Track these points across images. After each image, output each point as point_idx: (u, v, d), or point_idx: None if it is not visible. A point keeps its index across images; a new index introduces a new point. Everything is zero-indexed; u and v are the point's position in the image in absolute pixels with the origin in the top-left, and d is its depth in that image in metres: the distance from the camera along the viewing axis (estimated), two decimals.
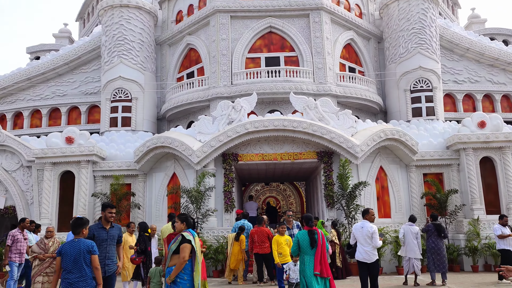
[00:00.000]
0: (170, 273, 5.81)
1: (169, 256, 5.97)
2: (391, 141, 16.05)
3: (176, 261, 5.82)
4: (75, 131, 17.36)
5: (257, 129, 15.53)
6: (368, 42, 23.47)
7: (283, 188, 24.97)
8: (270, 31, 21.34)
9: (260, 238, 11.46)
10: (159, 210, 16.37)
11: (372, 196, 15.91)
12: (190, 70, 22.52)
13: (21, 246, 10.15)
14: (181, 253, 5.79)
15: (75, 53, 23.51)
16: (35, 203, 17.15)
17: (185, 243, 5.84)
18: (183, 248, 5.80)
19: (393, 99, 21.82)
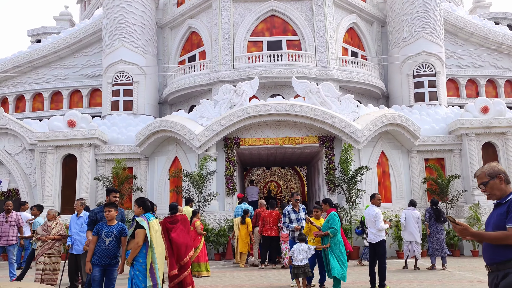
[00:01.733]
0: (126, 256, 6.20)
1: (127, 240, 6.28)
2: (393, 126, 16.03)
3: (132, 245, 6.15)
4: (77, 114, 17.37)
5: (259, 113, 15.51)
6: (371, 26, 23.24)
7: (284, 173, 25.05)
8: (272, 14, 21.13)
9: (272, 221, 11.85)
10: (161, 193, 16.47)
11: (373, 181, 15.96)
12: (192, 54, 22.39)
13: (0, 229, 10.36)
14: (136, 238, 6.12)
15: (76, 36, 23.37)
16: (38, 186, 17.26)
17: (139, 228, 6.15)
18: (138, 234, 6.13)
19: (396, 84, 21.71)
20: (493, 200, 3.64)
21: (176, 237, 8.15)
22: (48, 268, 8.89)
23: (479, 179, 3.67)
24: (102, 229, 6.32)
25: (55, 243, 9.08)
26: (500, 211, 3.48)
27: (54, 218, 9.40)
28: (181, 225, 8.33)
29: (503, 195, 3.54)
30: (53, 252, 9.03)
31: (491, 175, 3.59)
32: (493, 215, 3.57)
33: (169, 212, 8.75)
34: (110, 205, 6.48)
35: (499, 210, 3.51)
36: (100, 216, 6.79)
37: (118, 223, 6.52)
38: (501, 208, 3.48)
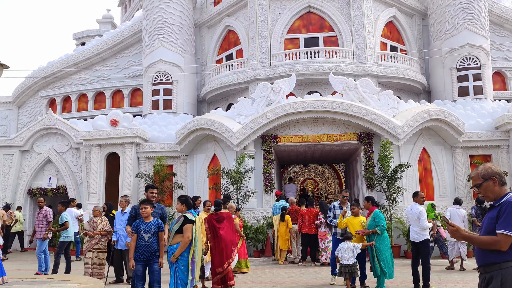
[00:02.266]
0: (172, 250, 6.31)
1: (171, 236, 6.40)
2: (435, 122, 15.58)
3: (179, 239, 6.30)
4: (119, 114, 17.95)
5: (296, 110, 15.49)
6: (412, 19, 22.63)
7: (322, 170, 24.87)
8: (309, 11, 20.99)
9: (310, 219, 11.85)
10: (200, 190, 16.76)
11: (414, 178, 15.59)
12: (229, 52, 22.60)
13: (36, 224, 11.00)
14: (186, 233, 6.27)
15: (118, 38, 24.11)
16: (84, 183, 17.99)
17: (188, 223, 6.32)
18: (187, 228, 6.29)
19: (438, 78, 21.05)
20: (488, 202, 3.55)
21: (224, 235, 8.33)
22: (96, 263, 9.30)
23: (473, 181, 3.58)
24: (140, 226, 6.53)
25: (101, 239, 9.48)
26: (491, 214, 3.38)
27: (100, 215, 9.81)
28: (227, 223, 8.49)
29: (497, 198, 3.41)
30: (99, 247, 9.43)
31: (485, 177, 3.46)
32: (486, 218, 3.48)
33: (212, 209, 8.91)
34: (146, 202, 6.68)
35: (490, 213, 3.41)
36: (140, 212, 7.02)
37: (155, 219, 6.70)
38: (493, 211, 3.38)
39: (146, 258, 6.48)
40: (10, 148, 18.84)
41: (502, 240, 3.19)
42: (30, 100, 26.08)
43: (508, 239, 3.18)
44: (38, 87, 25.46)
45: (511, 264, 3.22)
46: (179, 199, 6.64)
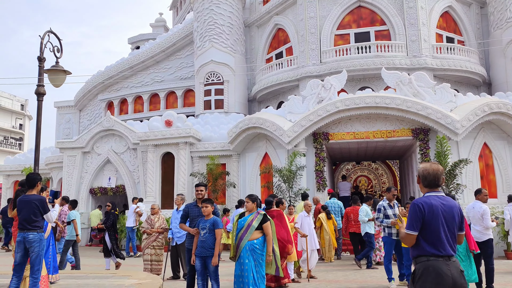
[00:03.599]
0: (252, 245, 6.62)
1: (250, 232, 6.66)
2: (496, 115, 14.79)
3: (258, 235, 6.67)
4: (173, 114, 18.51)
5: (348, 107, 15.25)
6: (469, 8, 21.58)
7: (375, 167, 24.33)
8: (359, 5, 20.59)
9: (356, 217, 11.61)
10: (252, 188, 16.93)
11: (475, 175, 14.89)
12: (279, 51, 22.65)
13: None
14: (267, 230, 6.71)
15: (170, 41, 24.85)
16: (141, 182, 18.72)
17: (268, 221, 6.77)
18: (268, 226, 6.75)
19: (499, 69, 19.94)
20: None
21: (276, 233, 8.40)
22: (155, 259, 9.64)
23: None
24: (199, 223, 6.82)
25: (158, 236, 9.81)
26: None
27: (157, 213, 10.16)
28: (277, 221, 8.55)
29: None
30: (157, 244, 9.77)
31: (418, 174, 3.79)
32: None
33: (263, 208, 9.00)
34: (207, 201, 6.88)
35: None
36: (191, 209, 7.21)
37: (213, 217, 6.88)
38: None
39: (203, 254, 6.66)
40: (73, 150, 19.97)
41: (405, 238, 3.62)
42: (90, 103, 27.51)
43: (409, 237, 3.58)
44: (97, 91, 26.80)
45: (422, 259, 3.54)
46: (250, 198, 6.95)
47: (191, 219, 7.21)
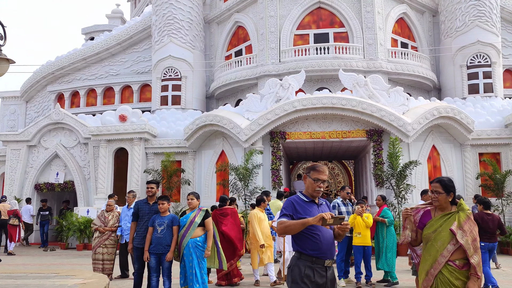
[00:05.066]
0: (195, 243, 6.63)
1: (192, 228, 6.65)
2: (445, 119, 15.44)
3: (201, 233, 6.73)
4: (128, 109, 17.99)
5: (305, 107, 15.41)
6: (422, 16, 22.40)
7: (331, 167, 24.79)
8: (319, 6, 20.85)
9: None
10: (208, 186, 16.78)
11: (423, 176, 15.48)
12: (238, 48, 22.55)
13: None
14: (209, 226, 6.78)
15: (127, 33, 24.13)
16: (92, 178, 18.07)
17: (210, 217, 6.88)
18: (210, 221, 6.85)
19: (448, 76, 20.84)
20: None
21: (228, 231, 8.31)
22: (107, 258, 9.24)
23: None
24: (155, 220, 6.72)
25: (111, 234, 9.41)
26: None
27: (112, 210, 9.78)
28: (231, 218, 8.47)
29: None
30: (110, 242, 9.36)
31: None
32: None
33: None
34: (163, 198, 6.81)
35: None
36: (141, 207, 7.06)
37: (171, 214, 6.81)
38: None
39: (158, 251, 6.56)
40: (17, 143, 18.94)
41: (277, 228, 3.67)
42: (38, 94, 26.24)
43: (278, 227, 3.61)
44: (46, 82, 25.59)
45: (296, 254, 3.66)
46: (194, 195, 6.93)
47: (141, 217, 7.03)
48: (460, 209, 3.88)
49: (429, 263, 3.80)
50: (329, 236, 3.64)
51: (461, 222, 3.79)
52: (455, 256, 3.75)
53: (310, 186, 3.72)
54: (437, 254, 3.77)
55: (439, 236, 3.81)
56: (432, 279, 3.76)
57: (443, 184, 3.94)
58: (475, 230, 3.81)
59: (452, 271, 3.73)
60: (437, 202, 3.93)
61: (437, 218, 3.92)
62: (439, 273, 3.75)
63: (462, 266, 3.73)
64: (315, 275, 3.52)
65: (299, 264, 3.58)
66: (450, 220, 3.83)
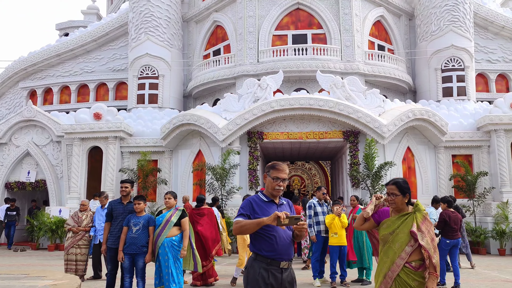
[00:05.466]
0: (171, 242, 6.56)
1: (168, 228, 6.57)
2: (419, 121, 15.71)
3: (177, 232, 6.67)
4: (103, 107, 17.65)
5: (283, 107, 15.43)
6: (399, 19, 22.77)
7: (309, 167, 24.94)
8: (297, 7, 20.94)
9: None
10: (184, 186, 16.63)
11: (398, 177, 15.68)
12: (217, 48, 22.43)
13: None
14: (185, 225, 6.73)
15: (103, 30, 23.69)
16: (65, 177, 17.65)
17: (187, 216, 6.80)
18: (187, 221, 6.77)
19: (423, 78, 21.24)
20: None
21: (203, 231, 8.24)
22: (80, 259, 9.05)
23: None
24: (131, 220, 6.62)
25: (85, 234, 9.22)
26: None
27: (86, 209, 9.56)
28: (207, 219, 8.41)
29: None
30: (83, 243, 9.17)
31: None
32: None
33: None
34: (139, 198, 6.73)
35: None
36: (115, 207, 6.95)
37: (147, 214, 6.74)
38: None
39: (132, 251, 6.46)
40: None
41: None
42: (10, 91, 25.48)
43: (234, 226, 3.54)
44: (18, 78, 24.88)
45: (252, 255, 3.60)
46: (172, 194, 6.88)
47: (115, 217, 6.91)
48: (417, 210, 3.88)
49: (387, 265, 3.79)
50: (286, 237, 3.54)
51: (418, 223, 3.80)
52: (411, 257, 3.75)
53: (270, 185, 3.63)
54: (395, 256, 3.77)
55: (397, 238, 3.80)
56: (390, 282, 3.75)
57: (399, 186, 3.90)
58: (432, 230, 3.83)
59: (408, 273, 3.73)
60: (394, 204, 3.91)
61: (394, 219, 3.91)
62: (397, 276, 3.74)
63: (418, 267, 3.74)
64: (269, 277, 3.46)
65: (254, 266, 3.52)
66: (407, 222, 3.83)
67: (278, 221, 3.31)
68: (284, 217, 3.30)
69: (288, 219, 3.31)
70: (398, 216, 3.89)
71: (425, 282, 3.72)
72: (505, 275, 9.87)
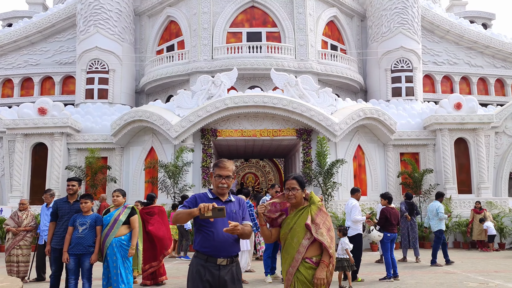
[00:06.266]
0: (120, 242, 6.38)
1: (116, 227, 6.39)
2: (370, 120, 16.15)
3: (126, 231, 6.49)
4: (48, 102, 16.86)
5: (237, 105, 15.37)
6: (351, 20, 23.31)
7: (263, 165, 25.02)
8: (252, 5, 20.92)
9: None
10: (136, 184, 16.20)
11: (349, 174, 16.08)
12: (170, 43, 22.00)
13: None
14: (136, 223, 6.57)
15: (49, 21, 22.61)
16: (6, 175, 16.73)
17: (136, 214, 6.65)
18: (136, 219, 6.62)
19: (374, 78, 21.87)
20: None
21: (155, 230, 8.05)
22: (22, 260, 8.62)
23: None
24: (77, 219, 6.39)
25: (26, 234, 8.80)
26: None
27: (26, 209, 9.09)
28: (158, 217, 8.22)
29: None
30: (24, 243, 8.75)
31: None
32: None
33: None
34: (86, 197, 6.52)
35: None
36: (61, 206, 6.68)
37: (94, 214, 6.57)
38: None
39: (78, 252, 6.24)
40: None
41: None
42: None
43: (173, 215, 3.55)
44: None
45: (194, 252, 3.57)
46: (120, 192, 6.72)
47: (61, 216, 6.62)
48: (311, 202, 3.86)
49: (288, 262, 3.75)
50: (226, 234, 3.47)
51: (313, 215, 3.76)
52: (311, 253, 3.71)
53: (214, 182, 3.59)
54: (294, 252, 3.73)
55: (294, 233, 3.77)
56: (291, 278, 3.72)
57: (299, 181, 3.86)
58: (328, 221, 3.81)
59: (309, 268, 3.68)
60: (294, 199, 3.84)
61: (291, 215, 3.86)
62: (297, 271, 3.69)
63: (318, 262, 3.70)
64: (206, 274, 3.43)
65: (193, 262, 3.51)
66: (303, 215, 3.79)
67: (201, 213, 3.25)
68: (207, 209, 3.23)
69: (211, 211, 3.24)
70: (295, 212, 3.84)
71: (326, 277, 3.69)
72: (447, 267, 10.36)
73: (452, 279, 8.66)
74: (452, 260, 10.85)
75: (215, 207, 3.25)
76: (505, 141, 17.39)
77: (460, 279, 8.64)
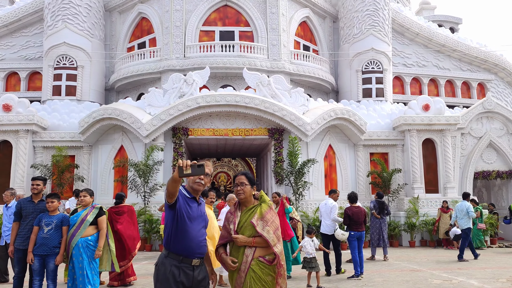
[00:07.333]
0: (86, 242, 6.23)
1: (83, 227, 6.26)
2: (340, 120, 16.34)
3: (93, 231, 6.35)
4: (13, 98, 16.32)
5: (209, 103, 15.28)
6: (324, 21, 23.52)
7: (235, 164, 24.99)
8: (225, 4, 20.82)
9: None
10: (105, 183, 15.88)
11: (320, 173, 16.23)
12: (142, 41, 21.65)
13: None
14: (102, 224, 6.42)
15: (15, 15, 21.89)
16: None
17: (104, 215, 6.50)
18: (104, 220, 6.47)
19: (345, 79, 22.14)
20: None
21: (123, 229, 7.92)
22: None
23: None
24: (42, 219, 6.23)
25: None
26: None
27: None
28: (127, 217, 8.10)
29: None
30: None
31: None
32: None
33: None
34: (53, 196, 6.36)
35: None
36: (25, 205, 6.49)
37: (61, 213, 6.43)
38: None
39: (43, 253, 6.09)
40: None
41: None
42: None
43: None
44: None
45: (163, 252, 3.55)
46: (88, 191, 6.58)
47: (25, 216, 6.42)
48: (262, 201, 3.90)
49: (239, 260, 3.75)
50: (200, 234, 3.51)
51: (262, 213, 3.78)
52: (264, 251, 3.73)
53: (191, 179, 3.56)
54: (243, 249, 3.73)
55: (244, 231, 3.78)
56: (243, 276, 3.68)
57: (248, 177, 3.90)
58: (277, 220, 3.85)
59: (263, 267, 3.70)
60: (243, 195, 3.86)
61: (241, 214, 3.89)
62: (249, 270, 3.68)
63: (272, 261, 3.72)
64: (180, 275, 3.40)
65: (165, 263, 3.45)
66: (252, 214, 3.82)
67: (180, 170, 3.11)
68: (186, 165, 3.11)
69: (191, 167, 3.14)
70: (246, 210, 3.86)
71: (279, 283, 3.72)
72: (413, 265, 10.58)
73: (418, 277, 8.87)
74: (478, 253, 11.69)
75: (194, 164, 3.15)
76: (470, 142, 17.92)
77: (425, 276, 8.86)
